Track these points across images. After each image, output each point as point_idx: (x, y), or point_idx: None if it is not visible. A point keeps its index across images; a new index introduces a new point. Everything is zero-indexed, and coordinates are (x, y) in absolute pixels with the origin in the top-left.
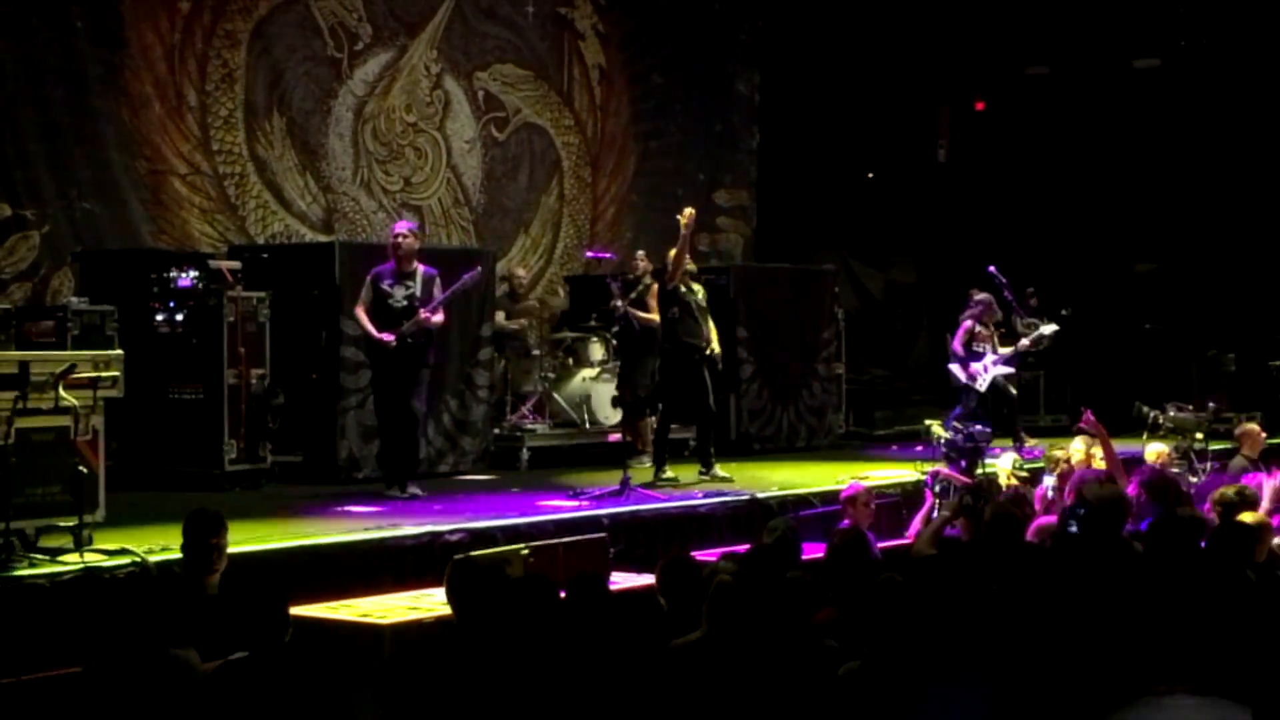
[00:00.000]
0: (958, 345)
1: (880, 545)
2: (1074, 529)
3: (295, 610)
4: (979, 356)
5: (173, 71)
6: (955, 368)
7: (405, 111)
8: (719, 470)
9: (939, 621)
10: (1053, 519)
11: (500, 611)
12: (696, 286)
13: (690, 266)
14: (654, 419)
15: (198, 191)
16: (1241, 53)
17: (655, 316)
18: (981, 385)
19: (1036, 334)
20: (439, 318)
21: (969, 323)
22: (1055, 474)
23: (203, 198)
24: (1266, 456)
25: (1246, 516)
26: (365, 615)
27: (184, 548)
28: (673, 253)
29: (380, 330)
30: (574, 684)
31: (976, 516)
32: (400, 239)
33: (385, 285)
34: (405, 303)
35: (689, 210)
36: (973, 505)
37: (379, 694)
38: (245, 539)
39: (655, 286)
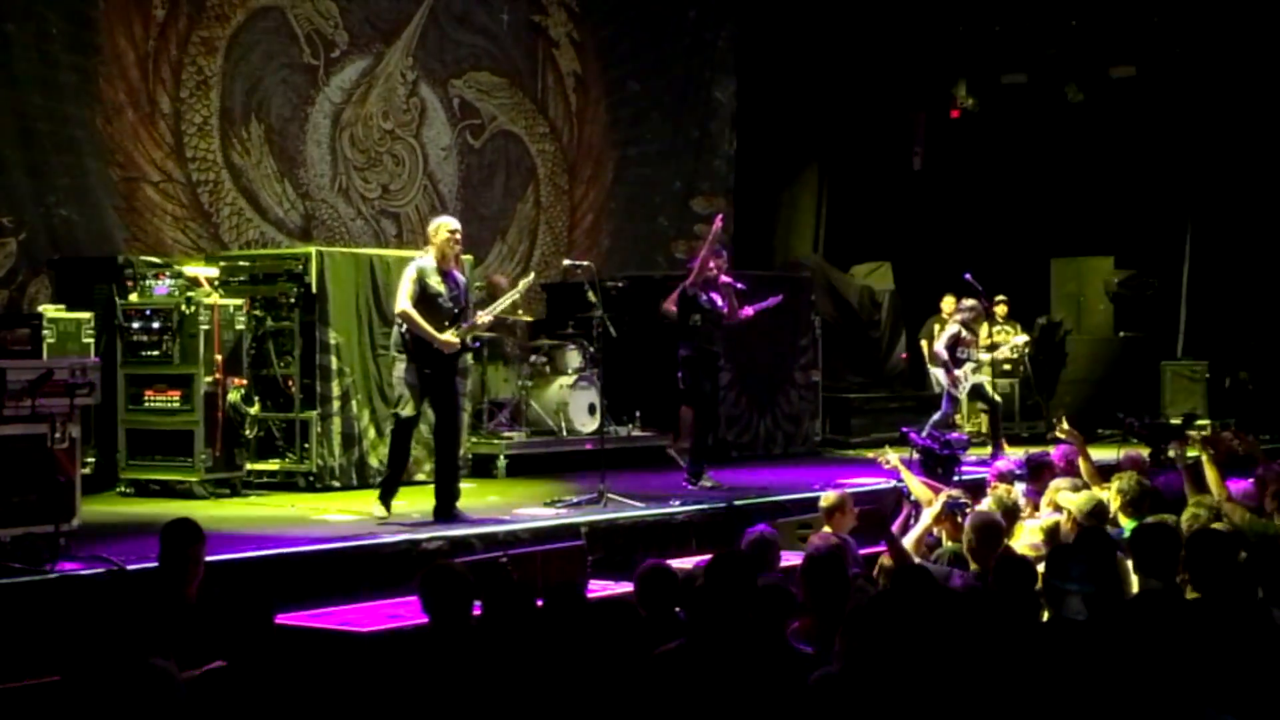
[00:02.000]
0: (942, 349)
1: (862, 551)
2: None
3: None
4: (961, 363)
5: (146, 78)
6: (939, 372)
7: (382, 119)
8: (706, 480)
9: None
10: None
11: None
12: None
13: (710, 273)
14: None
15: (170, 199)
16: (1217, 61)
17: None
18: (961, 392)
19: (1011, 345)
20: (488, 317)
21: (956, 328)
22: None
23: (175, 205)
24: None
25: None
26: (345, 623)
27: (161, 557)
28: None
29: None
30: (553, 692)
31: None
32: (459, 235)
33: (433, 283)
34: (452, 304)
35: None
36: (956, 511)
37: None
38: (223, 547)
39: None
